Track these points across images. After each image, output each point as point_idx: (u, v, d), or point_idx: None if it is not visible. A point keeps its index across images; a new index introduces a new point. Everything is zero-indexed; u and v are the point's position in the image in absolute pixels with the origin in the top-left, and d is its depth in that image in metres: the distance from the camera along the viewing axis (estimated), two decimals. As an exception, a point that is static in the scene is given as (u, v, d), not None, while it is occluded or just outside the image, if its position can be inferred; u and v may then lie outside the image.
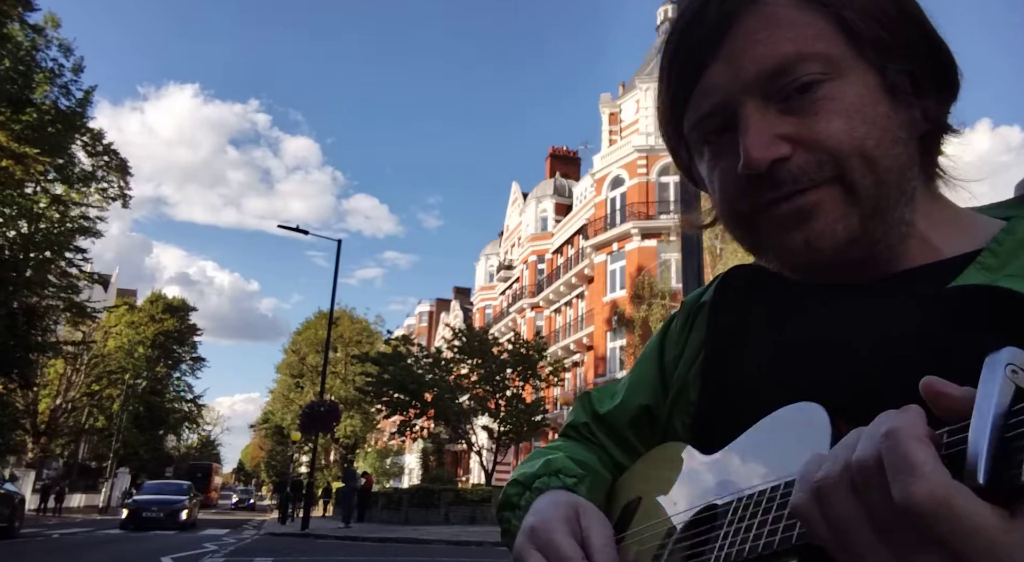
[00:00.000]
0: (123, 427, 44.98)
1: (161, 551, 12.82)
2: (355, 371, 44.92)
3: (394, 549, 14.60)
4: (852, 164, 0.58)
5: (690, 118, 0.65)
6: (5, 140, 21.89)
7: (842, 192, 0.59)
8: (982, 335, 0.51)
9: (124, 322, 47.06)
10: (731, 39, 0.60)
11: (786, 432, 0.56)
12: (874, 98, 0.59)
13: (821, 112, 0.58)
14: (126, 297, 56.59)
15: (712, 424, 0.68)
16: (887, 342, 0.57)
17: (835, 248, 0.59)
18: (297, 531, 19.88)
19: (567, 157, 49.47)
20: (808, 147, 0.58)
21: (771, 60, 0.58)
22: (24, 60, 23.40)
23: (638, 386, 0.82)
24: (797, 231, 0.60)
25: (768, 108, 0.59)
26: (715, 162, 0.64)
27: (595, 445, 0.83)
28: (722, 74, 0.61)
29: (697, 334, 0.77)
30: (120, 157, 28.60)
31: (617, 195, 33.36)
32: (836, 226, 0.59)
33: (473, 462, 38.72)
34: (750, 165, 0.58)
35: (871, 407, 0.45)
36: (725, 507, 0.57)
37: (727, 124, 0.62)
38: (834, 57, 0.59)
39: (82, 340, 35.75)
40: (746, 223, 0.64)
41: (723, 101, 0.61)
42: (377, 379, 27.86)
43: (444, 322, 54.30)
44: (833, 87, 0.58)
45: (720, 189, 0.64)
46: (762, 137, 0.58)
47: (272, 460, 71.75)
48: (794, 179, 0.59)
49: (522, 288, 45.28)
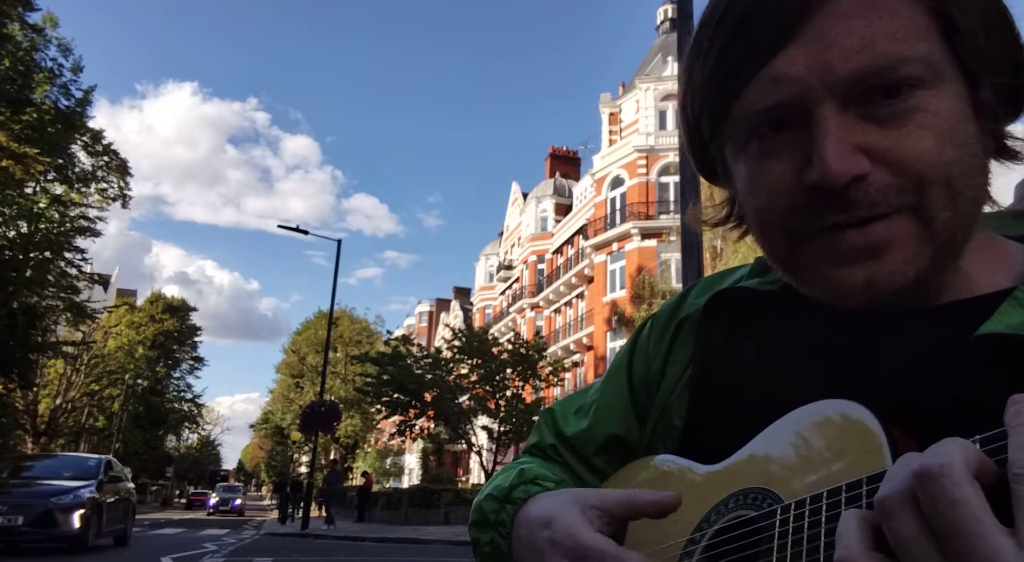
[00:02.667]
0: (123, 427, 45.01)
1: (161, 551, 12.82)
2: (355, 371, 44.88)
3: (394, 549, 14.61)
4: (934, 194, 0.50)
5: (746, 106, 0.53)
6: (5, 140, 21.89)
7: (916, 225, 0.51)
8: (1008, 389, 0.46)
9: (124, 322, 47.09)
10: (819, 20, 0.50)
11: (824, 430, 0.49)
12: (965, 116, 0.51)
13: (911, 126, 0.49)
14: (126, 297, 56.61)
15: (705, 440, 0.62)
16: (915, 377, 0.51)
17: (898, 291, 0.52)
18: (297, 531, 19.89)
19: (567, 157, 49.49)
20: (891, 166, 0.50)
21: (868, 58, 0.49)
22: (24, 60, 23.40)
23: (606, 412, 0.75)
24: (860, 267, 0.52)
25: (848, 110, 0.50)
26: (761, 162, 0.55)
27: (564, 466, 0.76)
28: (802, 62, 0.50)
29: (681, 351, 0.70)
30: (120, 157, 28.59)
31: (617, 195, 33.37)
32: (906, 267, 0.51)
33: (473, 462, 38.75)
34: (828, 179, 0.49)
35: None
36: (769, 516, 0.48)
37: (791, 121, 0.52)
38: (935, 61, 0.50)
39: (82, 340, 35.75)
40: (791, 240, 0.55)
41: (797, 94, 0.51)
42: (377, 379, 27.86)
43: (444, 322, 54.31)
44: (928, 97, 0.50)
45: (767, 196, 0.55)
46: (843, 147, 0.49)
47: (272, 460, 71.76)
48: (871, 203, 0.50)
49: (522, 288, 45.29)
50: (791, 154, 0.52)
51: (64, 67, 25.31)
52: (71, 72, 25.52)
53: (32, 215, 25.34)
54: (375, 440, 61.50)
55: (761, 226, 0.57)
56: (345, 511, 31.86)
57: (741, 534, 0.50)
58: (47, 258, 26.08)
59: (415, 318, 76.32)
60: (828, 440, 0.48)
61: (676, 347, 0.71)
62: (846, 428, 0.47)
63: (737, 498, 0.53)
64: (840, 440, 0.47)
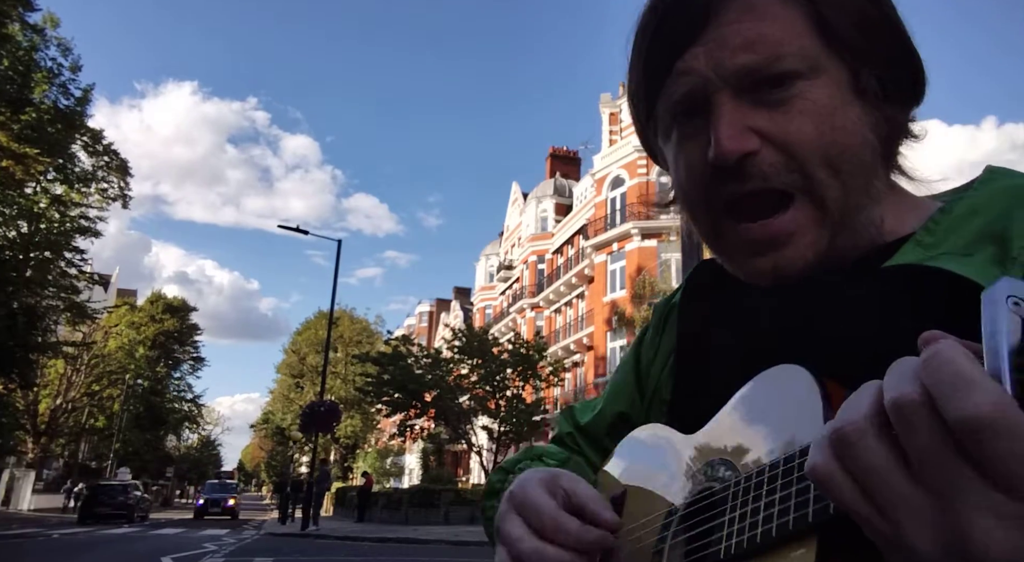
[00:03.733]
0: (123, 427, 45.00)
1: (161, 551, 12.82)
2: (355, 371, 44.90)
3: (394, 549, 14.60)
4: (819, 176, 0.58)
5: (664, 98, 0.63)
6: (5, 140, 21.89)
7: (813, 210, 0.59)
8: (919, 314, 0.52)
9: (125, 322, 47.09)
10: (714, 25, 0.59)
11: (770, 396, 0.53)
12: (844, 100, 0.59)
13: (793, 111, 0.58)
14: (126, 297, 56.64)
15: (686, 411, 0.67)
16: (842, 325, 0.57)
17: (803, 271, 0.60)
18: (297, 531, 19.88)
19: (567, 157, 49.47)
20: (777, 145, 0.58)
21: (752, 53, 0.58)
22: (23, 60, 23.40)
23: (616, 394, 0.83)
24: (766, 258, 0.60)
25: (741, 98, 0.59)
26: (681, 145, 0.64)
27: (578, 454, 0.84)
28: (701, 59, 0.60)
29: (669, 335, 0.77)
30: (120, 157, 28.62)
31: (617, 195, 33.36)
32: (807, 252, 0.59)
33: (473, 462, 38.73)
34: (721, 156, 0.58)
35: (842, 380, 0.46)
36: (724, 489, 0.53)
37: (698, 108, 0.61)
38: (811, 55, 0.58)
39: (82, 340, 35.77)
40: (708, 216, 0.63)
41: (699, 85, 0.60)
42: (377, 379, 27.86)
43: (444, 322, 54.34)
44: (808, 86, 0.58)
45: (685, 174, 0.64)
46: (734, 128, 0.58)
47: (272, 460, 71.79)
48: (763, 176, 0.58)
49: (522, 288, 45.27)
50: (699, 137, 0.61)
51: (63, 66, 25.32)
52: (70, 71, 25.51)
53: (32, 215, 25.34)
54: (375, 440, 61.52)
55: (686, 203, 0.66)
56: (345, 511, 31.85)
57: (704, 507, 0.55)
58: (47, 258, 26.09)
59: (415, 318, 76.33)
60: (776, 406, 0.52)
61: (666, 331, 0.79)
62: (790, 391, 0.51)
63: (705, 470, 0.57)
64: (784, 404, 0.51)
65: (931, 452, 0.35)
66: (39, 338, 25.85)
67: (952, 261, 0.54)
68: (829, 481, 0.38)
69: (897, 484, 0.36)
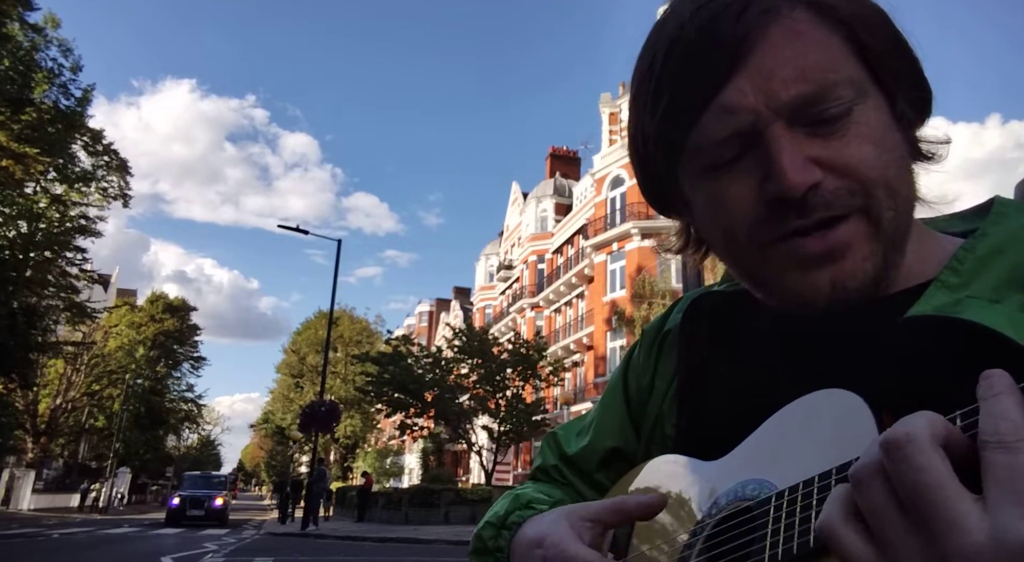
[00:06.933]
0: (123, 427, 44.99)
1: (161, 551, 12.84)
2: (355, 371, 44.92)
3: (394, 549, 14.60)
4: (879, 195, 0.56)
5: (704, 136, 0.58)
6: (5, 140, 21.89)
7: (867, 226, 0.56)
8: (941, 366, 0.51)
9: (125, 322, 47.08)
10: (758, 55, 0.56)
11: (817, 420, 0.52)
12: (889, 124, 0.58)
13: (850, 136, 0.56)
14: (126, 297, 56.63)
15: (696, 445, 0.65)
16: (868, 367, 0.55)
17: (861, 289, 0.57)
18: (297, 531, 19.89)
19: (567, 157, 49.47)
20: (839, 173, 0.56)
21: (805, 83, 0.55)
22: (24, 60, 23.40)
23: (605, 426, 0.79)
24: (823, 271, 0.57)
25: (795, 129, 0.56)
26: (722, 185, 0.59)
27: (565, 485, 0.80)
28: (750, 93, 0.56)
29: (666, 364, 0.74)
30: (120, 157, 28.60)
31: (617, 195, 33.37)
32: (865, 265, 0.57)
33: (473, 462, 38.74)
34: (790, 189, 0.54)
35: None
36: (764, 503, 0.51)
37: (746, 145, 0.57)
38: (857, 80, 0.57)
39: (82, 340, 35.76)
40: (756, 253, 0.60)
41: (751, 122, 0.56)
42: (377, 379, 27.86)
43: (444, 322, 54.30)
44: (860, 111, 0.56)
45: (730, 215, 0.59)
46: (797, 159, 0.55)
47: (272, 460, 71.78)
48: (827, 205, 0.55)
49: (522, 288, 45.28)
50: (749, 174, 0.57)
51: (64, 67, 25.30)
52: (71, 72, 25.50)
53: (32, 215, 25.34)
54: (375, 440, 61.51)
55: (726, 243, 0.62)
56: (345, 511, 31.86)
57: (739, 522, 0.53)
58: (47, 258, 26.08)
59: (415, 318, 76.32)
60: (823, 430, 0.51)
61: (662, 360, 0.76)
62: (840, 417, 0.49)
63: (736, 490, 0.56)
64: (834, 429, 0.50)
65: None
66: (39, 338, 25.86)
67: (980, 310, 0.52)
68: (865, 487, 0.40)
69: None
